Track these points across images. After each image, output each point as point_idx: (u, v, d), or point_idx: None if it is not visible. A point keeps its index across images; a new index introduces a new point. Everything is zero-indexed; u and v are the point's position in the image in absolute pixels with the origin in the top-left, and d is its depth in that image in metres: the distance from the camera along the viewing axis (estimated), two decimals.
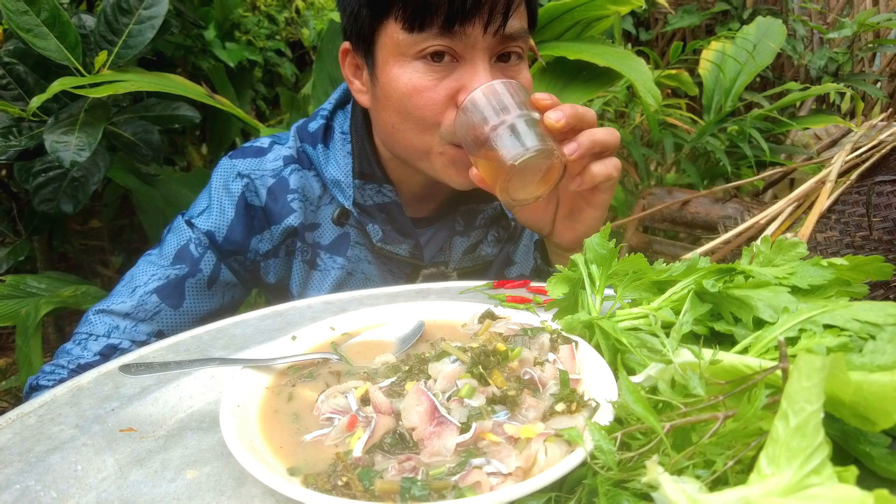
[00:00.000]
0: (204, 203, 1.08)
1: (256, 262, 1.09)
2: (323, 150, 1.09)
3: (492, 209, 1.16)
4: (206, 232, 1.05)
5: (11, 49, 1.63)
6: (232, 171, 1.08)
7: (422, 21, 0.87)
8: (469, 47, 0.90)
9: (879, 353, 0.49)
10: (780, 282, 0.62)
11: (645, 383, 0.54)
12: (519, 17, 0.93)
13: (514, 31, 0.92)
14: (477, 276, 1.18)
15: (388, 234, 1.08)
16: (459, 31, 0.88)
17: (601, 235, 0.70)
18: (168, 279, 1.03)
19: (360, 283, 1.11)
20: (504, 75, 0.93)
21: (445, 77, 0.91)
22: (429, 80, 0.91)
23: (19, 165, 1.67)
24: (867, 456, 0.48)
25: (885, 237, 1.76)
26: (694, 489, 0.39)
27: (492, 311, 0.75)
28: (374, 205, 1.08)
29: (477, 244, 1.16)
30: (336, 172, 1.07)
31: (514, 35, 0.93)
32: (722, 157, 2.65)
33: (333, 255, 1.09)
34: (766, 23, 2.84)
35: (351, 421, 0.55)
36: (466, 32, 0.88)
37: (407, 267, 1.12)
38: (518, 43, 0.95)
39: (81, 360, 0.97)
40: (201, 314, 1.05)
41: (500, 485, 0.47)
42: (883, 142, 2.13)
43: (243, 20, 2.79)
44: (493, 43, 0.91)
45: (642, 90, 1.86)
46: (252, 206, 1.07)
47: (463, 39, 0.89)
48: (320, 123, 1.11)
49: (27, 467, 0.57)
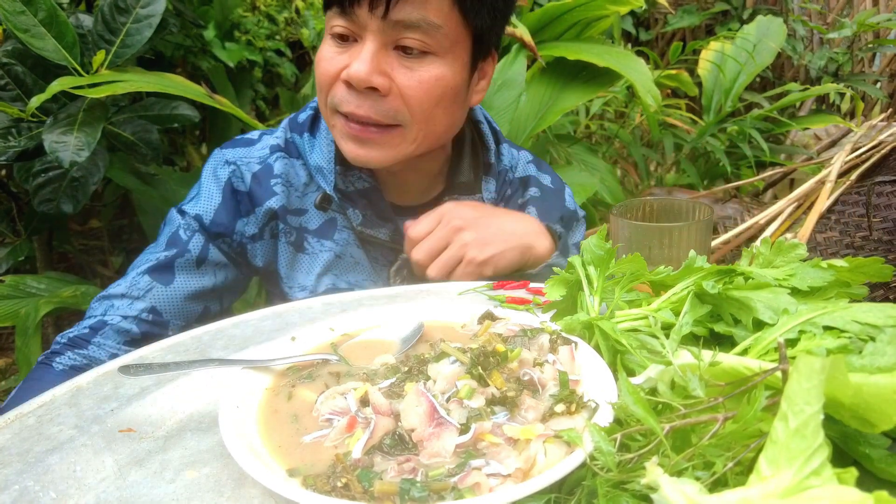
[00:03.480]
0: (194, 192, 1.14)
1: (243, 244, 1.12)
2: (309, 138, 1.14)
3: (476, 200, 1.18)
4: (194, 216, 1.10)
5: (9, 49, 1.62)
6: (221, 159, 1.14)
7: (327, 2, 0.98)
8: (362, 28, 0.95)
9: (879, 355, 0.49)
10: (779, 283, 0.62)
11: (644, 385, 0.54)
12: (418, 7, 0.93)
13: (409, 20, 0.93)
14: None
15: (369, 218, 1.12)
16: (351, 12, 0.94)
17: (598, 236, 0.70)
18: (159, 261, 1.07)
19: (350, 266, 1.14)
20: (401, 66, 0.97)
21: (342, 53, 0.99)
22: (329, 54, 1.00)
23: (19, 166, 1.67)
24: (867, 458, 0.48)
25: (885, 237, 1.76)
26: (693, 491, 0.39)
27: (491, 312, 0.75)
28: (356, 190, 1.12)
29: None
30: (319, 159, 1.11)
31: (408, 23, 0.94)
32: (722, 157, 2.65)
33: (321, 238, 1.13)
34: (765, 23, 2.84)
35: (350, 422, 0.55)
36: (357, 13, 0.94)
37: (390, 253, 1.15)
38: (415, 34, 0.95)
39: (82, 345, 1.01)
40: (193, 291, 1.08)
41: (499, 486, 0.47)
42: (883, 142, 2.13)
43: (243, 20, 2.79)
44: (383, 27, 0.94)
45: (642, 90, 1.86)
46: (238, 190, 1.11)
47: (356, 20, 0.95)
48: (308, 114, 1.17)
49: (26, 468, 0.56)
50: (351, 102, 0.98)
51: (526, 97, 1.95)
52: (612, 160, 2.99)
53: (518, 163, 1.28)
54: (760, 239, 0.71)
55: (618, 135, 2.89)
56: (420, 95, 0.99)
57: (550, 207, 1.26)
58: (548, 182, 1.29)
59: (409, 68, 0.97)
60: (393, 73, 0.97)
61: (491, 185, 1.20)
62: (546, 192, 1.27)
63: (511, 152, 1.28)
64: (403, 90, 0.98)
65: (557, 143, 2.38)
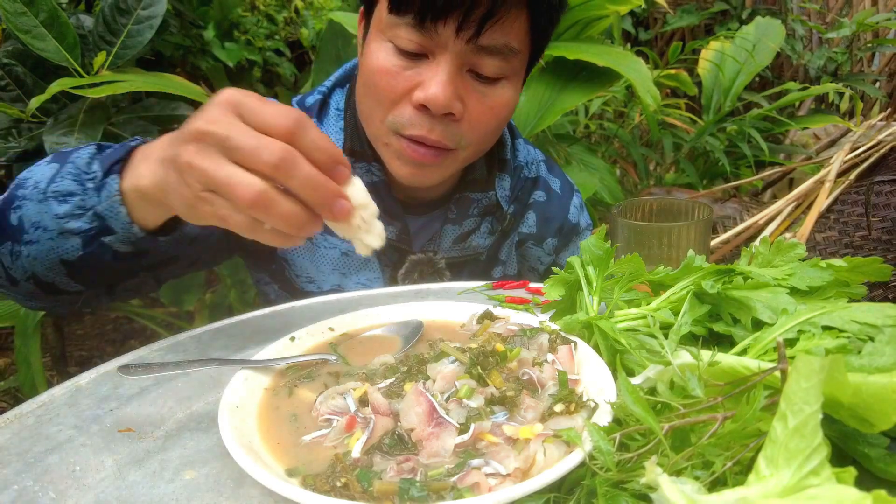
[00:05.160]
0: None
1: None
2: (317, 124, 1.09)
3: (486, 199, 1.13)
4: None
5: (10, 50, 1.62)
6: None
7: (399, 5, 0.87)
8: (439, 46, 0.88)
9: (878, 355, 0.49)
10: (778, 283, 0.62)
11: (644, 384, 0.54)
12: (504, 33, 0.88)
13: (492, 45, 0.88)
14: (466, 268, 1.16)
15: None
16: (431, 28, 0.86)
17: (597, 236, 0.70)
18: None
19: (361, 265, 1.08)
20: (474, 91, 0.92)
21: (410, 69, 0.90)
22: (394, 65, 0.91)
23: (19, 167, 1.67)
24: (865, 457, 0.48)
25: (884, 237, 1.76)
26: (692, 490, 0.39)
27: (491, 312, 0.75)
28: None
29: (469, 234, 1.14)
30: None
31: (491, 49, 0.88)
32: (721, 156, 2.65)
33: (326, 234, 1.07)
34: (765, 23, 2.84)
35: (350, 422, 0.55)
36: (438, 31, 0.86)
37: (395, 253, 1.10)
38: (495, 60, 0.90)
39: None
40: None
41: (498, 486, 0.47)
42: (882, 142, 2.13)
43: (242, 20, 2.79)
44: (464, 49, 0.88)
45: (641, 90, 1.86)
46: None
47: (434, 37, 0.87)
48: (317, 98, 1.11)
49: (25, 468, 0.57)
50: (422, 126, 0.91)
51: (525, 97, 1.95)
52: (611, 160, 2.99)
53: (533, 161, 1.23)
54: (759, 238, 0.71)
55: (617, 134, 2.89)
56: (488, 121, 0.95)
57: (551, 216, 1.22)
58: (557, 187, 1.24)
59: (482, 94, 0.93)
60: (466, 98, 0.91)
61: (505, 182, 1.15)
62: (552, 198, 1.23)
63: (527, 149, 1.23)
64: (474, 116, 0.93)
65: (557, 142, 2.38)
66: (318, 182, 0.59)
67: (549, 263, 1.25)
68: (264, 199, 0.57)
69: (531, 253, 1.24)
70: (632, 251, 0.69)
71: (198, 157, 0.58)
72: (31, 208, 0.77)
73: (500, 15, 0.86)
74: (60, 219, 0.75)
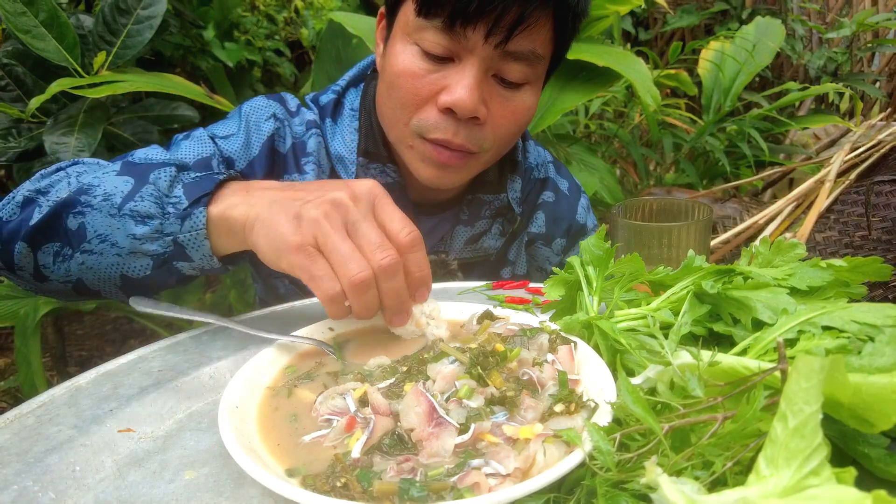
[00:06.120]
0: (232, 128, 1.04)
1: None
2: (331, 124, 1.08)
3: (498, 201, 1.13)
4: (227, 157, 1.01)
5: (10, 50, 1.62)
6: (268, 109, 1.05)
7: (428, 9, 0.87)
8: (467, 51, 0.88)
9: (878, 355, 0.49)
10: (778, 283, 0.62)
11: (644, 384, 0.54)
12: (531, 39, 0.89)
13: (519, 51, 0.89)
14: (477, 269, 1.16)
15: None
16: (460, 32, 0.86)
17: (597, 236, 0.70)
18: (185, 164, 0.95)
19: None
20: (498, 95, 0.92)
21: (435, 72, 0.91)
22: (420, 67, 0.91)
23: (19, 166, 1.67)
24: (866, 457, 0.48)
25: (884, 237, 1.76)
26: (692, 490, 0.39)
27: (490, 312, 0.75)
28: None
29: (480, 235, 1.14)
30: (341, 148, 1.06)
31: (517, 54, 0.89)
32: (721, 156, 2.65)
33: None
34: (765, 23, 2.84)
35: (349, 422, 0.55)
36: (467, 35, 0.87)
37: None
38: (520, 66, 0.91)
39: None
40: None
41: (498, 486, 0.47)
42: (882, 142, 2.13)
43: (242, 20, 2.79)
44: (492, 54, 0.88)
45: (641, 90, 1.86)
46: (277, 151, 1.05)
47: (462, 41, 0.87)
48: (331, 98, 1.10)
49: (25, 468, 0.56)
50: (448, 130, 0.92)
51: None
52: (611, 160, 2.99)
53: (542, 162, 1.23)
54: (759, 238, 0.71)
55: (617, 134, 2.89)
56: (510, 125, 0.96)
57: (560, 217, 1.23)
58: (565, 188, 1.25)
59: (506, 98, 0.94)
60: (489, 103, 0.92)
61: (517, 184, 1.15)
62: (560, 198, 1.23)
63: (537, 150, 1.23)
64: (497, 120, 0.94)
65: (557, 142, 2.38)
66: (403, 297, 0.69)
67: (557, 264, 1.26)
68: (366, 285, 0.65)
69: (540, 253, 1.25)
70: (632, 251, 0.69)
71: (327, 221, 0.66)
72: (98, 220, 0.77)
73: (529, 21, 0.87)
74: (136, 239, 0.76)
